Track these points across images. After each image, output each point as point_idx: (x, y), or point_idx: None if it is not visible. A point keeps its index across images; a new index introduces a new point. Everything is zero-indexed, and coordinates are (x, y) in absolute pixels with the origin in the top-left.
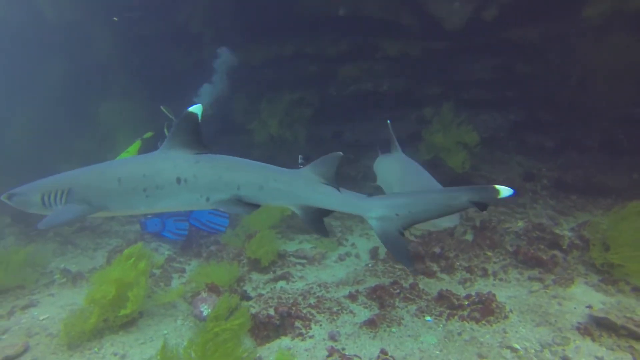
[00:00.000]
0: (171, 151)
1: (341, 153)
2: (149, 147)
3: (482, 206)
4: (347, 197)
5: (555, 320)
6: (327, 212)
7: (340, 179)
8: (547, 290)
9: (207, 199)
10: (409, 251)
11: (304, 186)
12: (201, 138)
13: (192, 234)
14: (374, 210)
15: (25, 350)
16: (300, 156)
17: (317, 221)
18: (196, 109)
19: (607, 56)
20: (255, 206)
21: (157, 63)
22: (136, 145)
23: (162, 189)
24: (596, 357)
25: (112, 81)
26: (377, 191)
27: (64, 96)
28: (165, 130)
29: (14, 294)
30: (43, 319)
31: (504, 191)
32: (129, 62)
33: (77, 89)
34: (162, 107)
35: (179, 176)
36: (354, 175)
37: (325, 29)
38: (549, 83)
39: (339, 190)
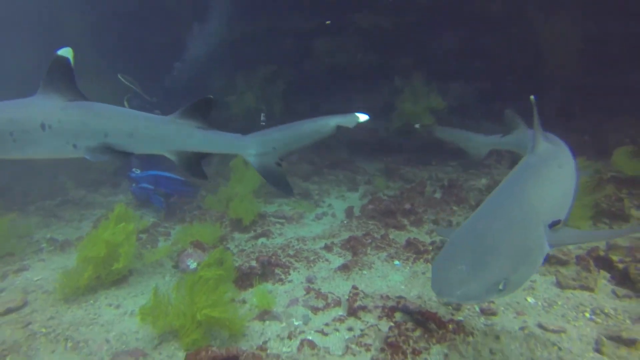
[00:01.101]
0: (42, 96)
1: (212, 96)
2: None
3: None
4: (223, 138)
5: None
6: (203, 156)
7: (318, 146)
8: None
9: (75, 146)
10: (287, 180)
11: (176, 132)
12: (75, 84)
13: (174, 203)
14: (252, 148)
15: (25, 304)
16: (262, 114)
17: (194, 165)
18: (66, 52)
19: (559, 30)
20: (127, 154)
21: (132, 41)
22: None
23: (29, 134)
24: (531, 281)
25: (83, 60)
26: None
27: (35, 77)
28: (126, 102)
29: (4, 260)
30: (37, 280)
31: (362, 117)
32: (102, 40)
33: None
34: (119, 76)
35: (44, 122)
36: (329, 143)
37: (300, 4)
38: (510, 54)
39: (214, 133)
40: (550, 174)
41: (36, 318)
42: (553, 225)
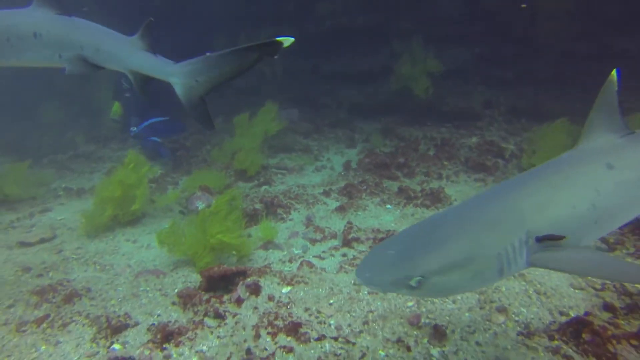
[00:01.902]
0: (35, 8)
1: (152, 18)
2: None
3: (271, 55)
4: (155, 62)
5: None
6: (149, 78)
7: (318, 107)
8: (486, 185)
9: (60, 56)
10: (210, 115)
11: (129, 52)
12: None
13: (181, 157)
14: (177, 76)
15: (54, 237)
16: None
17: (143, 86)
18: None
19: None
20: (98, 67)
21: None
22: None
23: (23, 41)
24: None
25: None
26: None
27: None
28: None
29: (28, 203)
30: (60, 219)
31: (286, 41)
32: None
33: None
34: None
35: (36, 31)
36: (329, 104)
37: None
38: (509, 20)
39: (151, 56)
40: (584, 177)
41: (66, 247)
42: (548, 239)
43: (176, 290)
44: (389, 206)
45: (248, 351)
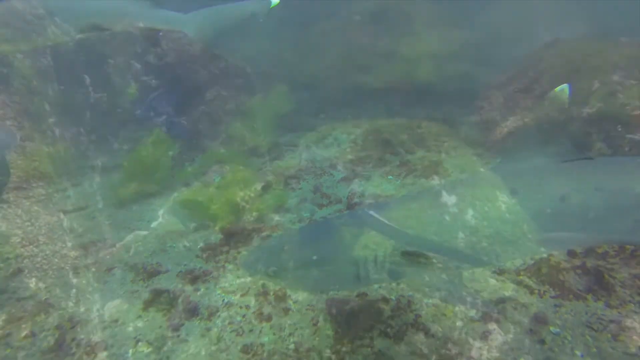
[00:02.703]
0: None
1: None
2: None
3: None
4: (169, 15)
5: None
6: (158, 31)
7: (326, 88)
8: (481, 159)
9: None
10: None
11: (137, 10)
12: None
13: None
14: (190, 25)
15: (87, 206)
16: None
17: (153, 41)
18: None
19: None
20: (104, 29)
21: None
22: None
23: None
24: None
25: None
26: None
27: None
28: None
29: (61, 178)
30: (90, 192)
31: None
32: None
33: None
34: None
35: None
36: (337, 85)
37: None
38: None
39: (163, 12)
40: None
41: (98, 214)
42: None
43: (199, 246)
44: (390, 177)
45: (263, 285)
